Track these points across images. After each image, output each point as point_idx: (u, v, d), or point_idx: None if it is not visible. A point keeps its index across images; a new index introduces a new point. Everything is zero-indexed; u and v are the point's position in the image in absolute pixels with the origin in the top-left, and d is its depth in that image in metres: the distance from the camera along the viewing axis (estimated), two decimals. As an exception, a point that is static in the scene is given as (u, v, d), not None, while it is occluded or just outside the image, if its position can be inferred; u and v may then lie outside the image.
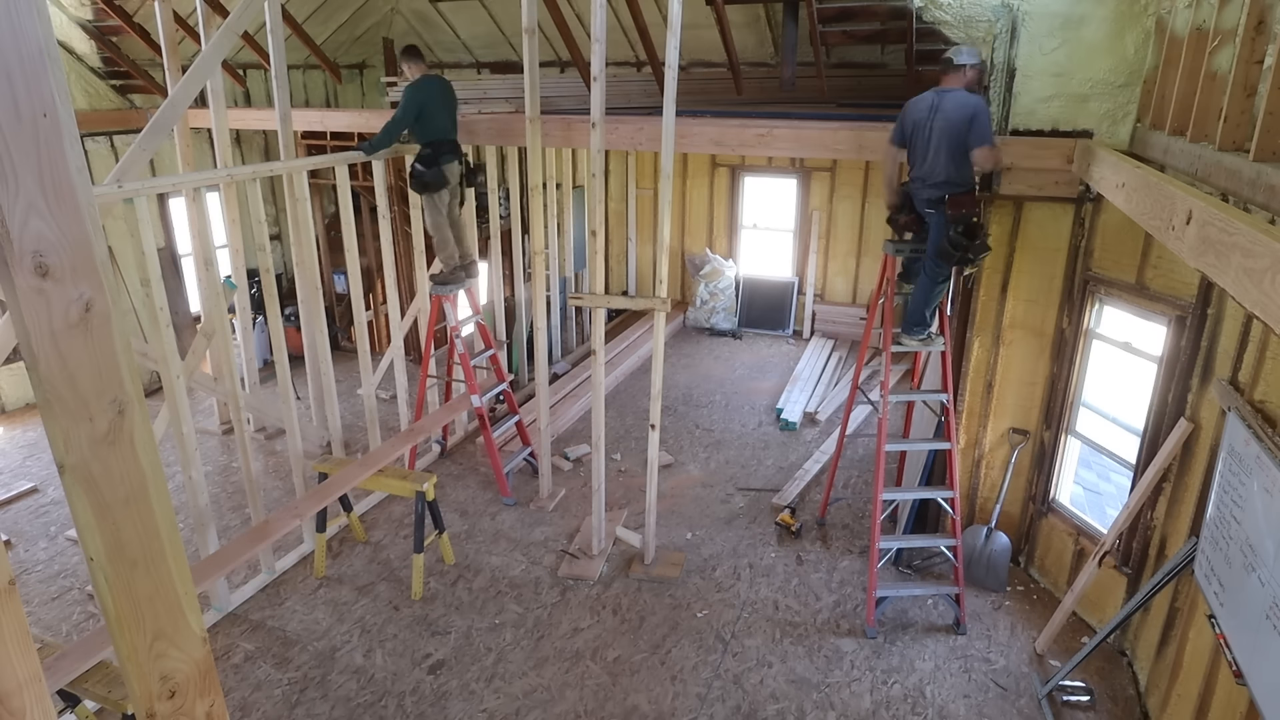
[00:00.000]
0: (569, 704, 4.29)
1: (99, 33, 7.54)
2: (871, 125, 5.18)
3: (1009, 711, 4.23)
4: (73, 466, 1.05)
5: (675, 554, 5.54)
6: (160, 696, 1.21)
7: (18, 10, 0.92)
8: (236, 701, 4.31)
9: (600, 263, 5.21)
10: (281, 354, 5.42)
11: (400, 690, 4.39)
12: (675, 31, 4.35)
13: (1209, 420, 3.87)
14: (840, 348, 9.48)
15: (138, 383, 1.11)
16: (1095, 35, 4.22)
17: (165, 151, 7.70)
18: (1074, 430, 4.94)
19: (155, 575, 1.17)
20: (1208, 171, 2.89)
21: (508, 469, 6.32)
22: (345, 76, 10.05)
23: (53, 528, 5.93)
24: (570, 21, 7.25)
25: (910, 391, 5.83)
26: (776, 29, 7.68)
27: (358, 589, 5.23)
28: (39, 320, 0.99)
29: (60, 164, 0.99)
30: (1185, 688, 3.74)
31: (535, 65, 5.31)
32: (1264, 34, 2.55)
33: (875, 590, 4.75)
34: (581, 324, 9.66)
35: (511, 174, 6.94)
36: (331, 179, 7.52)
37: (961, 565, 4.78)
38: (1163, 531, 4.28)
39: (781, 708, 4.26)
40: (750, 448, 7.18)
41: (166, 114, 4.70)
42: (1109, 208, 4.34)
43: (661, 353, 5.01)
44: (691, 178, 10.23)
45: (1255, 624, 2.94)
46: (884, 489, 4.80)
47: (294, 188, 5.44)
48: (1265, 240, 1.69)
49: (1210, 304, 3.89)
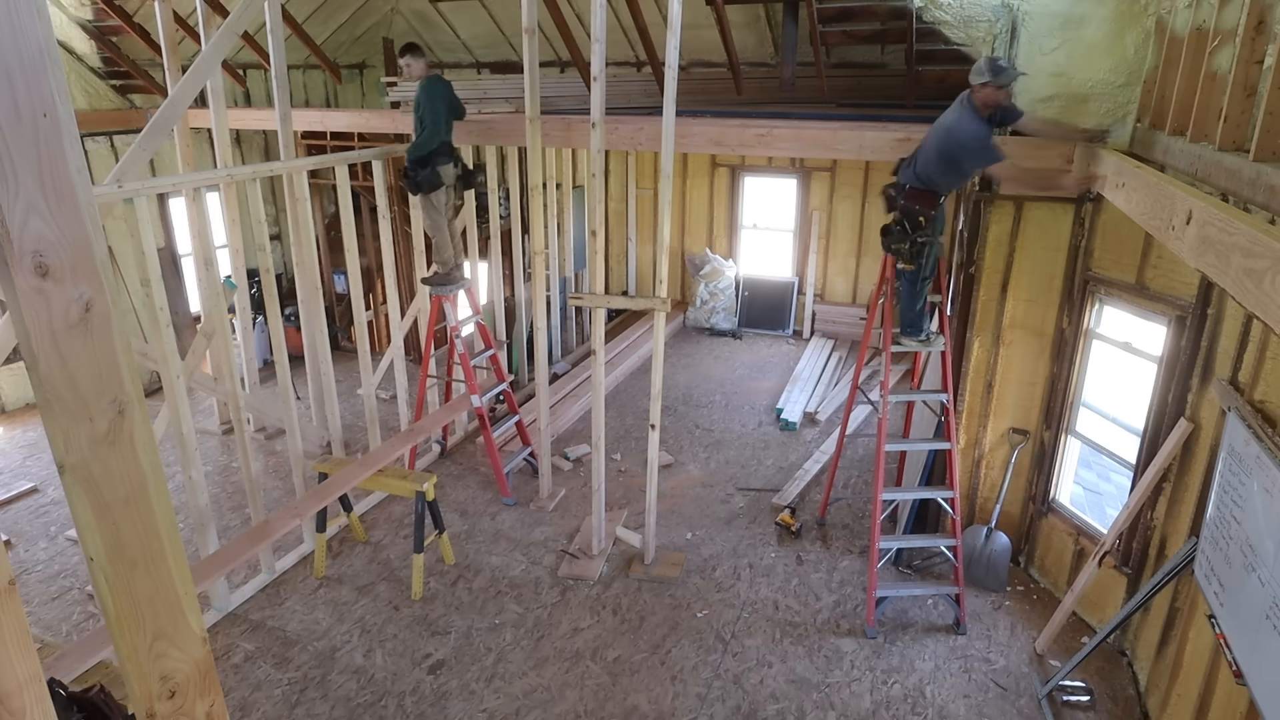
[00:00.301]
0: (569, 704, 4.29)
1: (99, 33, 7.54)
2: (871, 125, 5.18)
3: (1009, 711, 4.23)
4: (73, 466, 1.05)
5: (675, 554, 5.54)
6: (160, 696, 1.22)
7: (18, 10, 0.92)
8: (236, 701, 4.31)
9: (600, 263, 5.21)
10: (281, 354, 5.42)
11: (400, 690, 4.39)
12: (675, 31, 4.35)
13: (1209, 420, 3.87)
14: (840, 348, 9.48)
15: (138, 383, 1.11)
16: (1095, 35, 4.22)
17: (165, 151, 7.70)
18: (1074, 430, 4.94)
19: (155, 575, 1.17)
20: (1208, 171, 2.89)
21: (508, 469, 6.32)
22: (345, 76, 10.05)
23: (53, 528, 5.93)
24: (570, 21, 7.24)
25: (910, 391, 5.83)
26: (776, 29, 7.68)
27: (358, 589, 5.23)
28: (39, 320, 0.99)
29: (60, 164, 0.99)
30: (1185, 688, 3.74)
31: (535, 65, 5.31)
32: (1264, 34, 2.55)
33: (875, 590, 4.75)
34: (581, 324, 9.66)
35: (511, 174, 6.94)
36: (331, 179, 7.52)
37: (961, 565, 4.78)
38: (1163, 531, 4.28)
39: (781, 708, 4.26)
40: (750, 448, 7.18)
41: (166, 114, 4.70)
42: (1109, 208, 4.34)
43: (661, 353, 5.01)
44: (691, 178, 10.23)
45: (1255, 624, 2.94)
46: (884, 489, 4.81)
47: (294, 188, 5.44)
48: (1265, 240, 1.69)
49: (1210, 304, 3.89)
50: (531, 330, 7.33)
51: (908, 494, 5.20)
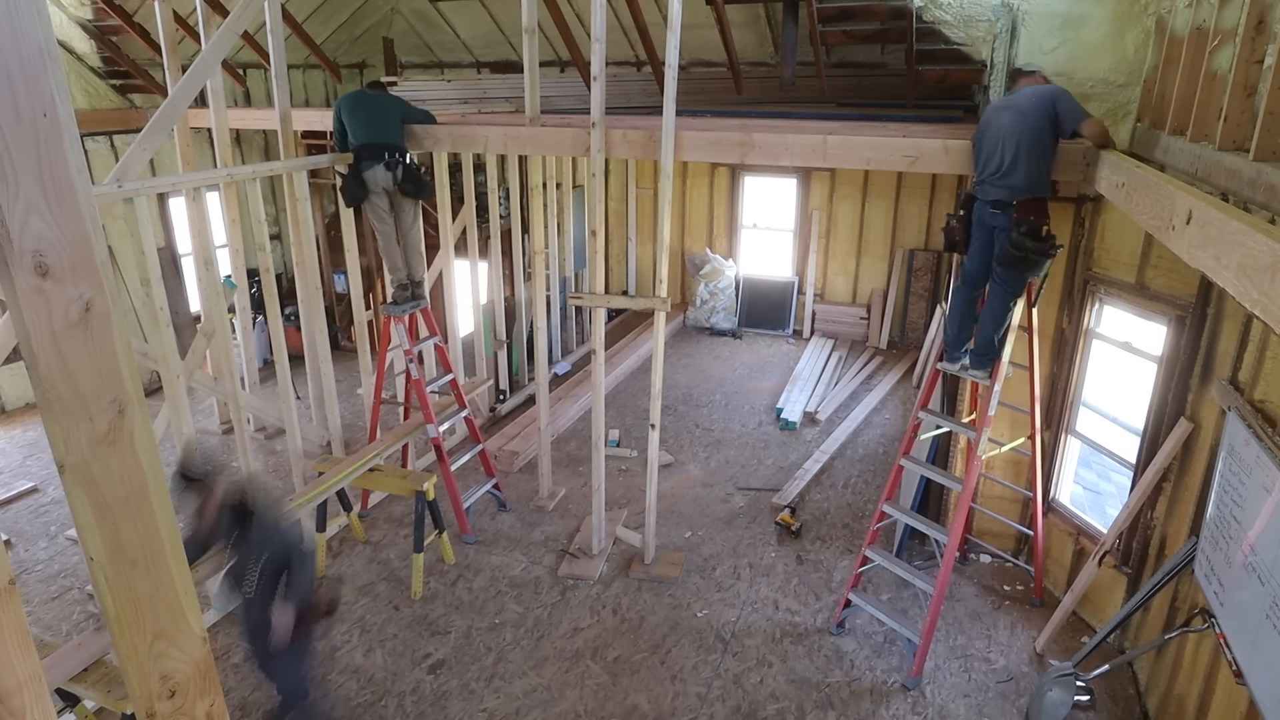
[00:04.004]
0: (569, 704, 4.29)
1: (99, 32, 7.54)
2: (870, 125, 5.15)
3: (1009, 711, 4.23)
4: (73, 466, 1.05)
5: (675, 554, 5.54)
6: (160, 696, 1.21)
7: (18, 10, 0.92)
8: (236, 701, 4.31)
9: (600, 262, 5.20)
10: (281, 354, 5.42)
11: (400, 690, 4.39)
12: (675, 31, 4.35)
13: (1209, 420, 3.87)
14: (840, 347, 9.49)
15: (138, 383, 1.11)
16: (1095, 35, 4.22)
17: (165, 151, 7.70)
18: (1074, 430, 4.94)
19: (155, 575, 1.17)
20: (1208, 171, 2.89)
21: (468, 504, 5.80)
22: (345, 76, 10.05)
23: (53, 528, 5.93)
24: (570, 21, 7.25)
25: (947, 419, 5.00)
26: (776, 29, 7.68)
27: (358, 589, 5.23)
28: (39, 320, 0.99)
29: (60, 164, 0.99)
30: (1185, 688, 3.74)
31: (535, 65, 5.31)
32: (1264, 34, 2.55)
33: (850, 591, 4.71)
34: (582, 324, 9.66)
35: (511, 174, 6.94)
36: (331, 179, 7.52)
37: (936, 616, 4.32)
38: (1163, 531, 4.28)
39: (781, 708, 4.26)
40: (750, 447, 7.18)
41: (166, 114, 4.70)
42: (1109, 207, 4.34)
43: (661, 352, 5.00)
44: (692, 177, 10.24)
45: (1255, 623, 2.94)
46: (886, 503, 4.70)
47: (294, 188, 5.44)
48: (1265, 240, 1.69)
49: (1210, 304, 3.89)
50: (531, 330, 7.32)
51: (904, 517, 4.74)
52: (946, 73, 6.05)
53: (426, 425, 5.60)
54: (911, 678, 4.37)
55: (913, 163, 4.33)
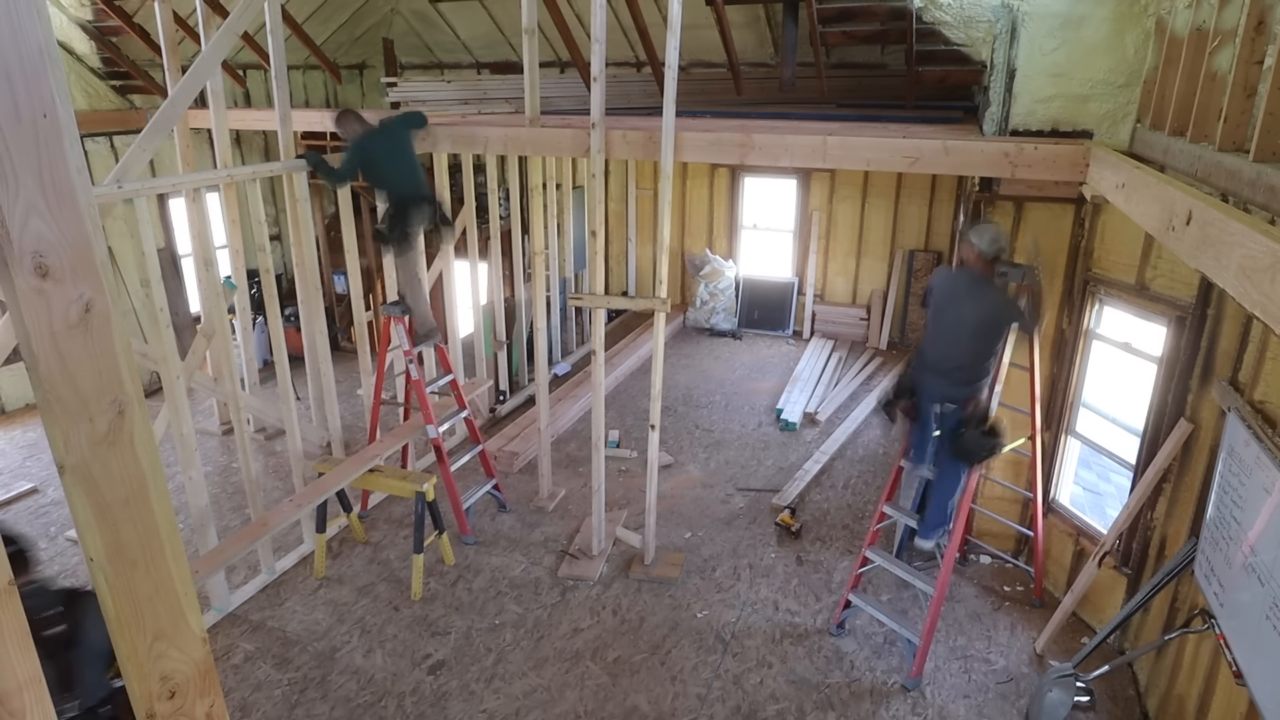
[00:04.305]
0: (569, 704, 4.29)
1: (99, 33, 7.54)
2: (869, 126, 5.16)
3: (1009, 712, 4.23)
4: (73, 467, 1.05)
5: (675, 554, 5.53)
6: (160, 697, 1.21)
7: (18, 10, 0.92)
8: (236, 702, 4.31)
9: (600, 263, 5.20)
10: (281, 354, 5.42)
11: (400, 691, 4.38)
12: (675, 32, 4.35)
13: (1209, 420, 3.87)
14: (840, 348, 9.49)
15: (138, 383, 1.11)
16: (1095, 35, 4.22)
17: (165, 151, 7.70)
18: (1074, 430, 4.94)
19: (155, 575, 1.17)
20: (1208, 172, 2.89)
21: (468, 505, 5.79)
22: (345, 77, 10.05)
23: (53, 528, 5.93)
24: (570, 21, 7.25)
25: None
26: (776, 29, 7.68)
27: (358, 589, 5.23)
28: (39, 320, 0.99)
29: (60, 164, 0.99)
30: (1185, 688, 3.74)
31: (535, 65, 5.30)
32: (1264, 34, 2.55)
33: (850, 592, 4.71)
34: (582, 324, 9.66)
35: (511, 175, 6.94)
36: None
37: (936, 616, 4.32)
38: (1163, 532, 4.28)
39: (781, 708, 4.26)
40: (750, 448, 7.18)
41: (166, 114, 4.70)
42: (1109, 208, 4.34)
43: (661, 353, 5.00)
44: (691, 178, 10.24)
45: (1255, 624, 2.94)
46: (885, 504, 4.70)
47: (294, 188, 5.44)
48: (1265, 240, 1.69)
49: (1210, 304, 3.89)
50: (531, 331, 7.32)
51: (903, 518, 4.76)
52: (946, 73, 6.04)
53: (426, 426, 5.60)
54: (911, 678, 4.38)
55: (913, 163, 4.34)
